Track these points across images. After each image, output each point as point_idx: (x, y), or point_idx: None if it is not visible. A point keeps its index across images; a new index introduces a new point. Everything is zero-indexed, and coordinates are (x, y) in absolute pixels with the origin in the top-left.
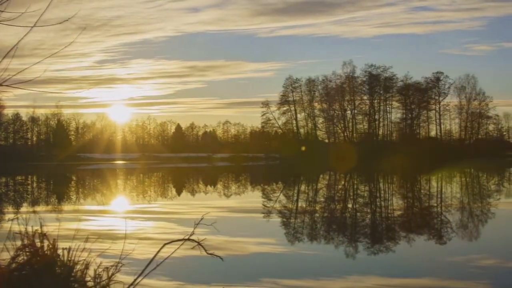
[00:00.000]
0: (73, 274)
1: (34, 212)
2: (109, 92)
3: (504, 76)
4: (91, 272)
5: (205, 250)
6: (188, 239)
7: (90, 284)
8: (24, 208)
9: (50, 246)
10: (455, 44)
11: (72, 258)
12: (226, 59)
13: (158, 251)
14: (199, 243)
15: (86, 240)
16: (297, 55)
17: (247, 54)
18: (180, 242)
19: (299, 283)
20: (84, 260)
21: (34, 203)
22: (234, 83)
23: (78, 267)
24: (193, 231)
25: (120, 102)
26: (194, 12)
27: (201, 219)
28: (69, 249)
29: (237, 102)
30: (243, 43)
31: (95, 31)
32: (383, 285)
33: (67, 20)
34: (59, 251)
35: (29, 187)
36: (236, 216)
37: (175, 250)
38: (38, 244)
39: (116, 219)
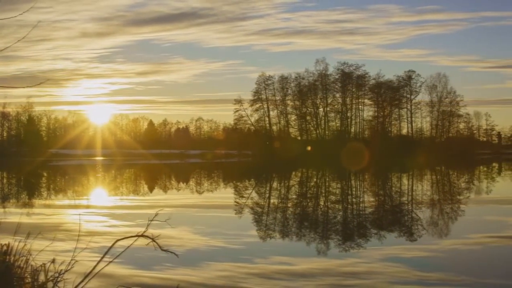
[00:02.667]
0: (12, 271)
1: None
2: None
3: None
4: (36, 268)
5: (160, 247)
6: (142, 235)
7: (28, 280)
8: None
9: None
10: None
11: (13, 254)
12: (144, 62)
13: (110, 248)
14: (153, 240)
15: (28, 235)
16: (206, 58)
17: (155, 59)
18: (134, 239)
19: (254, 276)
20: (25, 256)
21: None
22: (162, 83)
23: (17, 263)
24: (147, 227)
25: (85, 99)
26: (86, 23)
27: (156, 215)
28: (8, 245)
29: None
30: (147, 49)
31: (5, 38)
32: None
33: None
34: None
35: None
36: (196, 212)
37: (129, 246)
38: None
39: (72, 214)
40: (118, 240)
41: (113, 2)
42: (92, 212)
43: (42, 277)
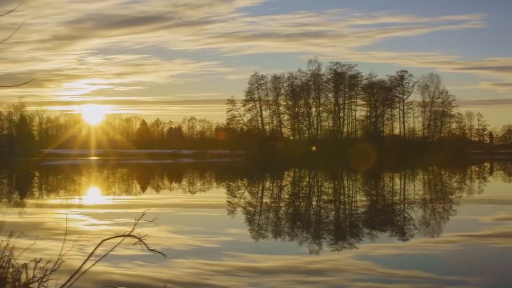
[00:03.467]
0: None
1: None
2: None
3: None
4: (18, 268)
5: (147, 247)
6: (129, 235)
7: (10, 280)
8: None
9: None
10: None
11: None
12: (121, 63)
13: (96, 247)
14: (140, 239)
15: (11, 234)
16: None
17: (131, 60)
18: (120, 238)
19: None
20: (7, 256)
21: None
22: (143, 84)
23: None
24: (134, 227)
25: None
26: (57, 26)
27: (143, 214)
28: None
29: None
30: (120, 51)
31: None
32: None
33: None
34: None
35: None
36: (180, 211)
37: (115, 246)
38: None
39: (59, 213)
40: (104, 240)
41: (80, 6)
42: (80, 212)
43: (24, 277)
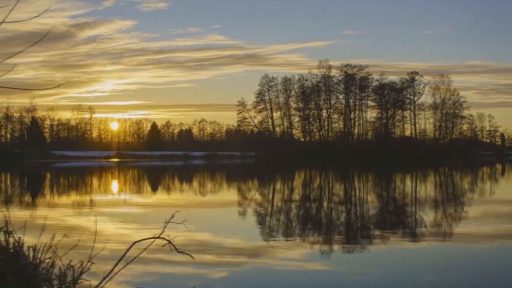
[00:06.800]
0: (38, 273)
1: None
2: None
3: None
4: (57, 270)
5: (176, 248)
6: (159, 237)
7: (56, 282)
8: None
9: (16, 244)
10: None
11: (38, 256)
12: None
13: (128, 250)
14: (169, 242)
15: (53, 237)
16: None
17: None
18: (151, 241)
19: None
20: (51, 258)
21: (5, 200)
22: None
23: (43, 265)
24: (164, 229)
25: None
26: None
27: (172, 216)
28: (34, 247)
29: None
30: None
31: None
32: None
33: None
34: (25, 249)
35: (2, 184)
36: (206, 212)
37: (145, 248)
38: (3, 243)
39: (87, 216)
40: (135, 242)
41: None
42: (109, 213)
43: (69, 279)
